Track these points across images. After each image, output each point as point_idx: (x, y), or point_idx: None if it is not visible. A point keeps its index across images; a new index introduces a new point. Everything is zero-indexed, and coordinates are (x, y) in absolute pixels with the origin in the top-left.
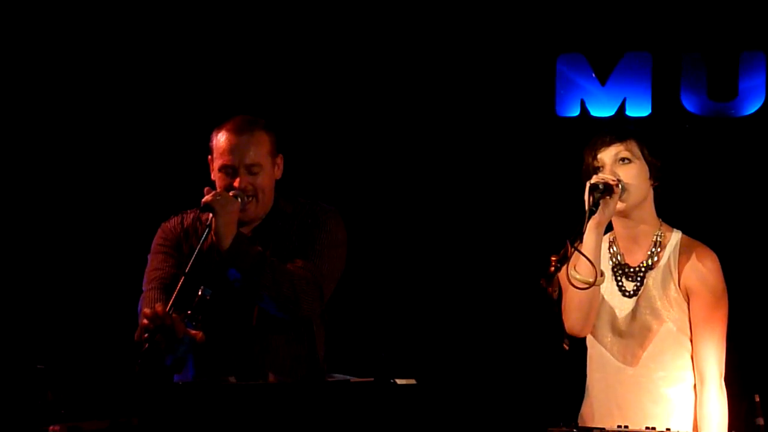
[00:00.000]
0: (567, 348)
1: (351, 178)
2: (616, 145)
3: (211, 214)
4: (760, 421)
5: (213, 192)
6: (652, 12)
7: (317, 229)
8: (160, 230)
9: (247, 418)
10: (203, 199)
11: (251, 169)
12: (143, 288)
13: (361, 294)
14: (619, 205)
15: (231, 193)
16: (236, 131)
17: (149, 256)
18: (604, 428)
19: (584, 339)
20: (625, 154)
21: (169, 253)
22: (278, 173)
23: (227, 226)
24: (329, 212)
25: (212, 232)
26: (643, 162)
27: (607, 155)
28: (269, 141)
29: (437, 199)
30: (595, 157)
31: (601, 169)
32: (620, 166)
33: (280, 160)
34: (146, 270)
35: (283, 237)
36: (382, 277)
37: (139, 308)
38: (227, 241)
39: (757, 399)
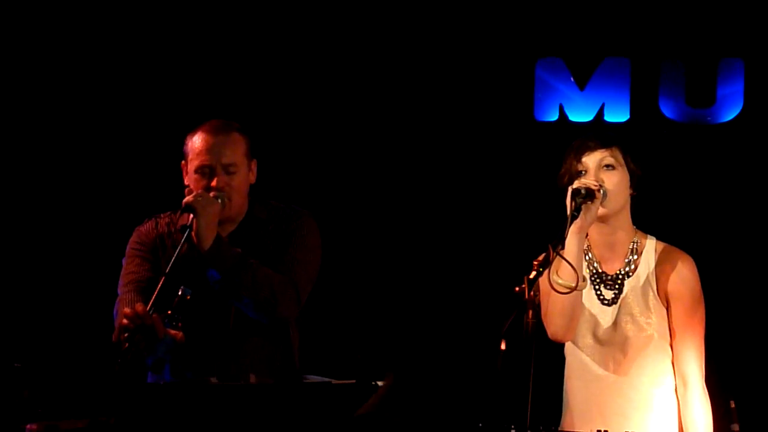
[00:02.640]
0: (504, 348)
1: (327, 180)
2: (601, 150)
3: (191, 215)
4: (736, 427)
5: (194, 193)
6: (631, 18)
7: (292, 234)
8: (134, 234)
9: (228, 419)
10: (184, 200)
11: (228, 169)
12: (119, 291)
13: (335, 297)
14: (600, 211)
15: (212, 194)
16: (213, 132)
17: (124, 260)
18: None
19: (562, 347)
20: (609, 160)
21: (144, 256)
22: (252, 178)
23: (208, 228)
24: (303, 216)
25: (193, 233)
26: (626, 170)
27: (591, 160)
28: (245, 143)
29: (415, 203)
30: (579, 161)
31: (584, 173)
32: (604, 171)
33: (254, 165)
34: (121, 273)
35: (258, 242)
36: (356, 279)
37: (114, 311)
38: (208, 243)
39: (733, 405)
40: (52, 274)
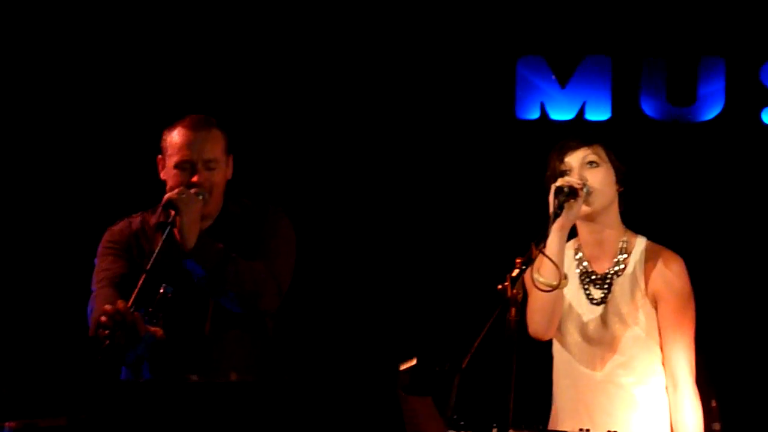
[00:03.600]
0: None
1: (307, 180)
2: (583, 148)
3: (172, 212)
4: (717, 426)
5: (177, 189)
6: (612, 16)
7: (269, 231)
8: (107, 233)
9: (209, 417)
10: (166, 196)
11: (209, 165)
12: (93, 288)
13: (315, 296)
14: (586, 209)
15: (193, 191)
16: (193, 128)
17: (96, 260)
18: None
19: (547, 345)
20: (592, 157)
21: (118, 254)
22: (229, 173)
23: (192, 225)
24: (278, 213)
25: (176, 231)
26: (610, 166)
27: (574, 158)
28: (224, 139)
29: (397, 201)
30: (562, 161)
31: (568, 172)
32: (588, 169)
33: (231, 161)
34: (95, 271)
35: (234, 238)
36: (336, 279)
37: (89, 308)
38: (192, 240)
39: (714, 404)
40: (27, 272)
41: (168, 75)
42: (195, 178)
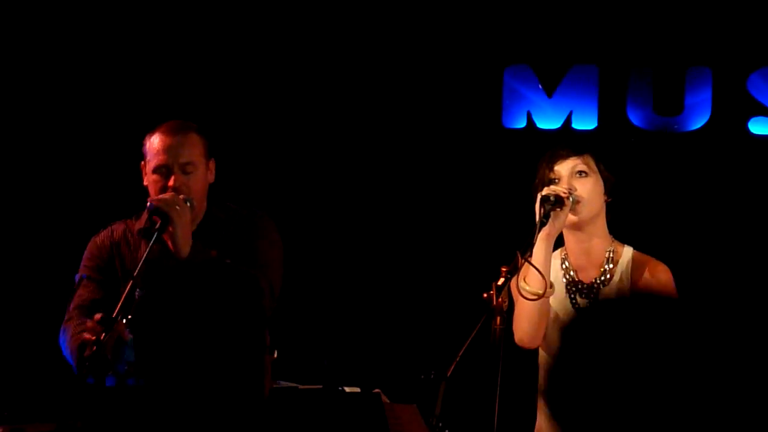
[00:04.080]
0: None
1: (294, 186)
2: (573, 158)
3: (158, 219)
4: None
5: (168, 196)
6: (599, 25)
7: (256, 232)
8: (89, 245)
9: (196, 424)
10: (151, 201)
11: (185, 168)
12: (67, 311)
13: (301, 302)
14: (573, 218)
15: (181, 197)
16: (170, 132)
17: (77, 276)
18: None
19: (531, 354)
20: (582, 167)
21: (94, 277)
22: (211, 177)
23: (185, 233)
24: (264, 218)
25: (167, 238)
26: (599, 176)
27: (564, 168)
28: (202, 143)
29: (383, 209)
30: (551, 169)
31: (557, 181)
32: (577, 179)
33: (212, 165)
34: (75, 294)
35: (219, 242)
36: (323, 286)
37: (62, 339)
38: (186, 249)
39: None
40: (18, 278)
41: (157, 78)
42: (171, 182)
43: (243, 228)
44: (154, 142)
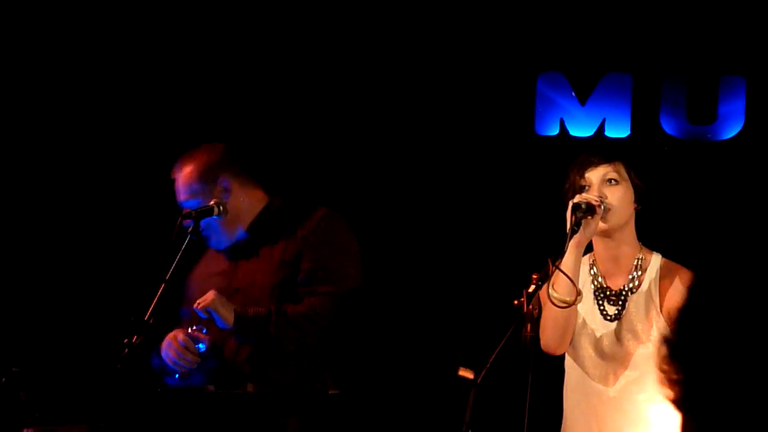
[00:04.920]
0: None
1: (325, 192)
2: (604, 165)
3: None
4: None
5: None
6: (633, 34)
7: (319, 238)
8: None
9: (224, 427)
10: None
11: (186, 203)
12: None
13: None
14: (602, 226)
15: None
16: (173, 175)
17: None
18: None
19: (561, 360)
20: (612, 175)
21: None
22: (226, 192)
23: (227, 320)
24: (325, 215)
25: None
26: (630, 184)
27: (594, 175)
28: (196, 171)
29: (416, 215)
30: (582, 176)
31: (587, 188)
32: (607, 186)
33: (224, 179)
34: None
35: (273, 232)
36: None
37: None
38: (231, 321)
39: None
40: (51, 277)
41: (168, 79)
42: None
43: (300, 228)
44: None
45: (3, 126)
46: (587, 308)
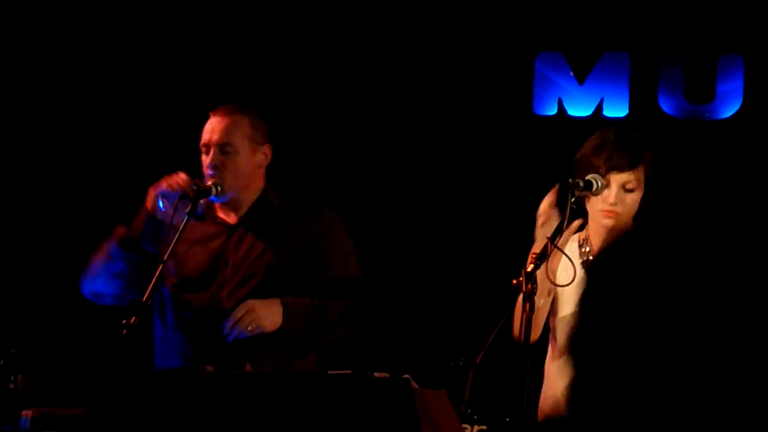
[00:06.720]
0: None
1: (323, 176)
2: (628, 173)
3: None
4: None
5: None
6: (631, 13)
7: (326, 236)
8: None
9: (223, 408)
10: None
11: (223, 148)
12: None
13: None
14: (608, 223)
15: (209, 182)
16: (216, 113)
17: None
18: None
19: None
20: (633, 184)
21: None
22: (263, 161)
23: (275, 321)
24: (327, 212)
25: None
26: (642, 186)
27: (616, 179)
28: (249, 125)
29: (414, 197)
30: (604, 173)
31: (603, 184)
32: (624, 193)
33: (267, 149)
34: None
35: (269, 228)
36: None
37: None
38: (279, 324)
39: None
40: (48, 261)
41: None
42: (209, 159)
43: (304, 222)
44: (205, 123)
45: (3, 125)
46: (576, 285)
